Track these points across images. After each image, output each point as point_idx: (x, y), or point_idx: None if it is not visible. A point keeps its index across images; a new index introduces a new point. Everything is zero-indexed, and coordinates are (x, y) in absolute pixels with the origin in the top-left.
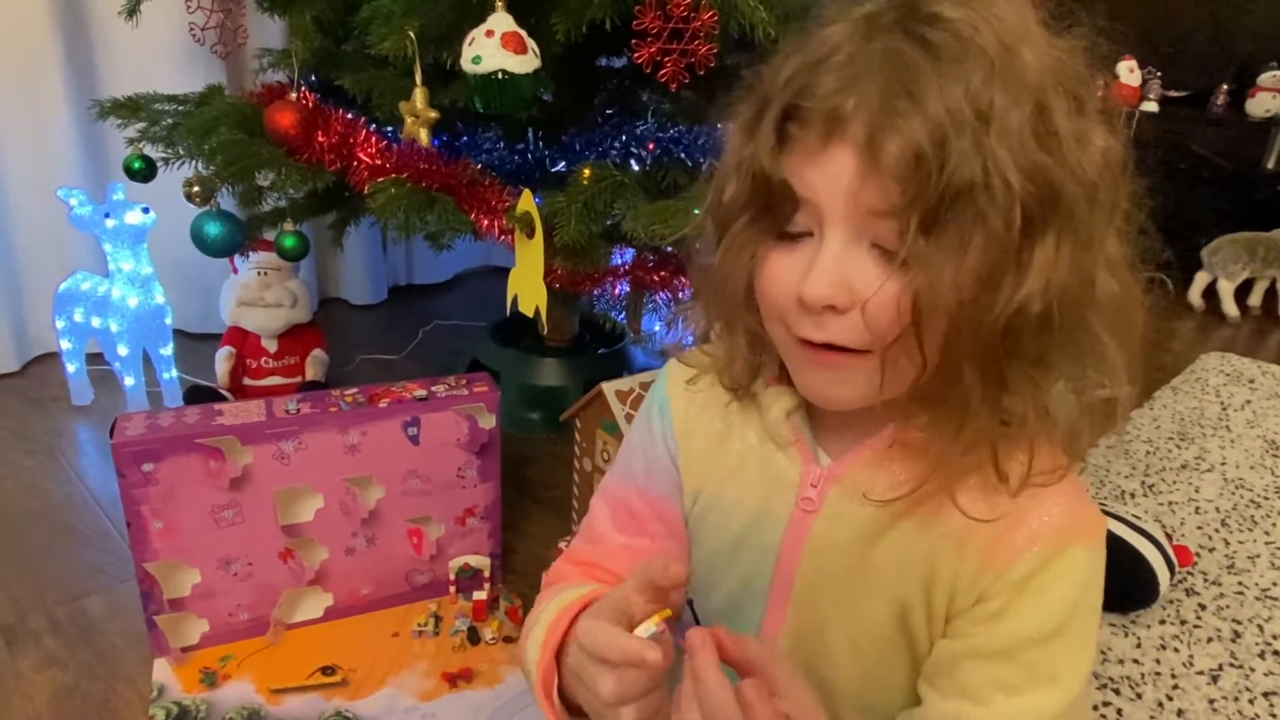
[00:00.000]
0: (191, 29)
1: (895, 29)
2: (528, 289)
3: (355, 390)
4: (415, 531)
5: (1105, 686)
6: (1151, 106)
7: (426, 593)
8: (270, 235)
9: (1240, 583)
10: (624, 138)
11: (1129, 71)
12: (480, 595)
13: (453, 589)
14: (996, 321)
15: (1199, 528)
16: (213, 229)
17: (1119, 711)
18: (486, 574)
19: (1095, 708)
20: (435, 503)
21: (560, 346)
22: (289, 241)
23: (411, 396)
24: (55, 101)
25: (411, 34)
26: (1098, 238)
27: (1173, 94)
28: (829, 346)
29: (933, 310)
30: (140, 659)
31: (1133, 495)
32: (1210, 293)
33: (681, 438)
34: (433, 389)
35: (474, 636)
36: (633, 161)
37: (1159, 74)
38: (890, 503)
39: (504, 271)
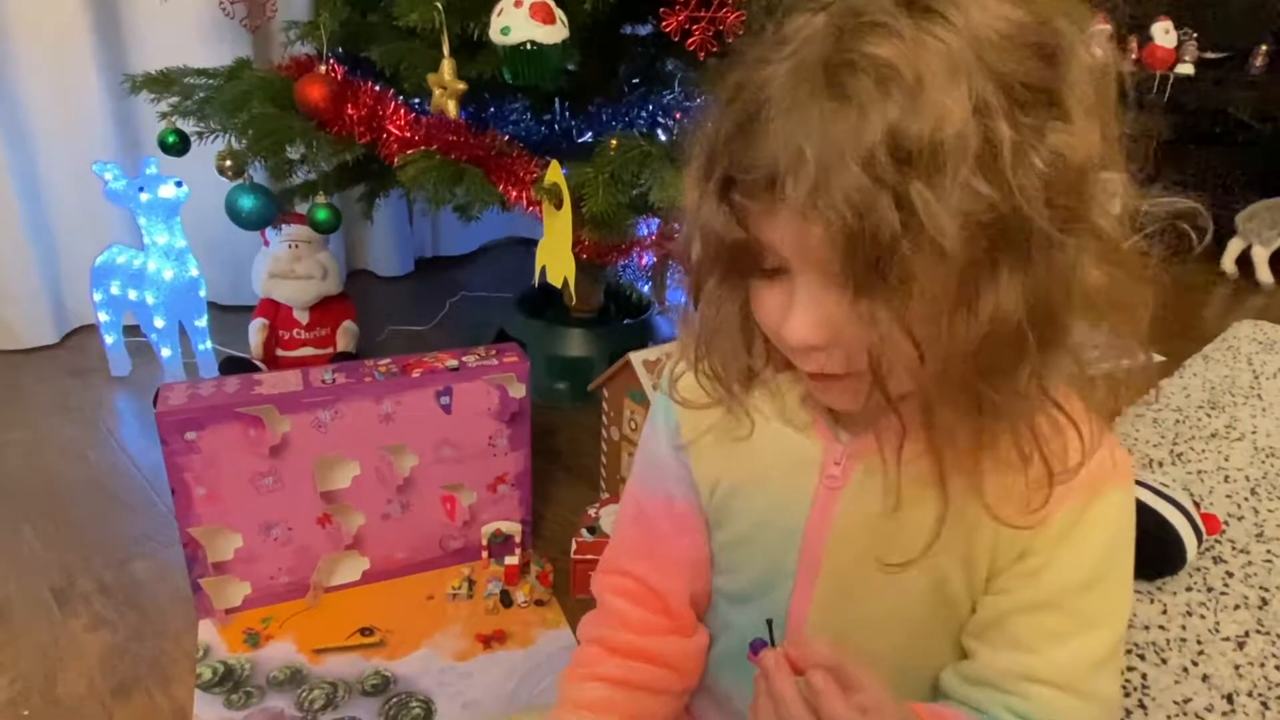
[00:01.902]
0: (221, 2)
1: (819, 79)
2: (556, 260)
3: (388, 361)
4: (448, 498)
5: (1130, 652)
6: (1187, 69)
7: (459, 558)
8: (300, 208)
9: (1269, 551)
10: (650, 107)
11: (1164, 33)
12: (512, 560)
13: (485, 554)
14: (959, 353)
15: (1228, 496)
16: (247, 202)
17: (1144, 676)
18: (517, 539)
19: (1121, 673)
20: (467, 470)
21: (586, 317)
22: (321, 214)
23: (443, 367)
24: (86, 77)
25: (439, 5)
26: (1068, 240)
27: (1209, 55)
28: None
29: (894, 353)
30: (185, 620)
31: (1161, 464)
32: (1244, 259)
33: (689, 433)
34: (464, 359)
35: (506, 600)
36: (659, 131)
37: (1195, 35)
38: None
39: (528, 243)
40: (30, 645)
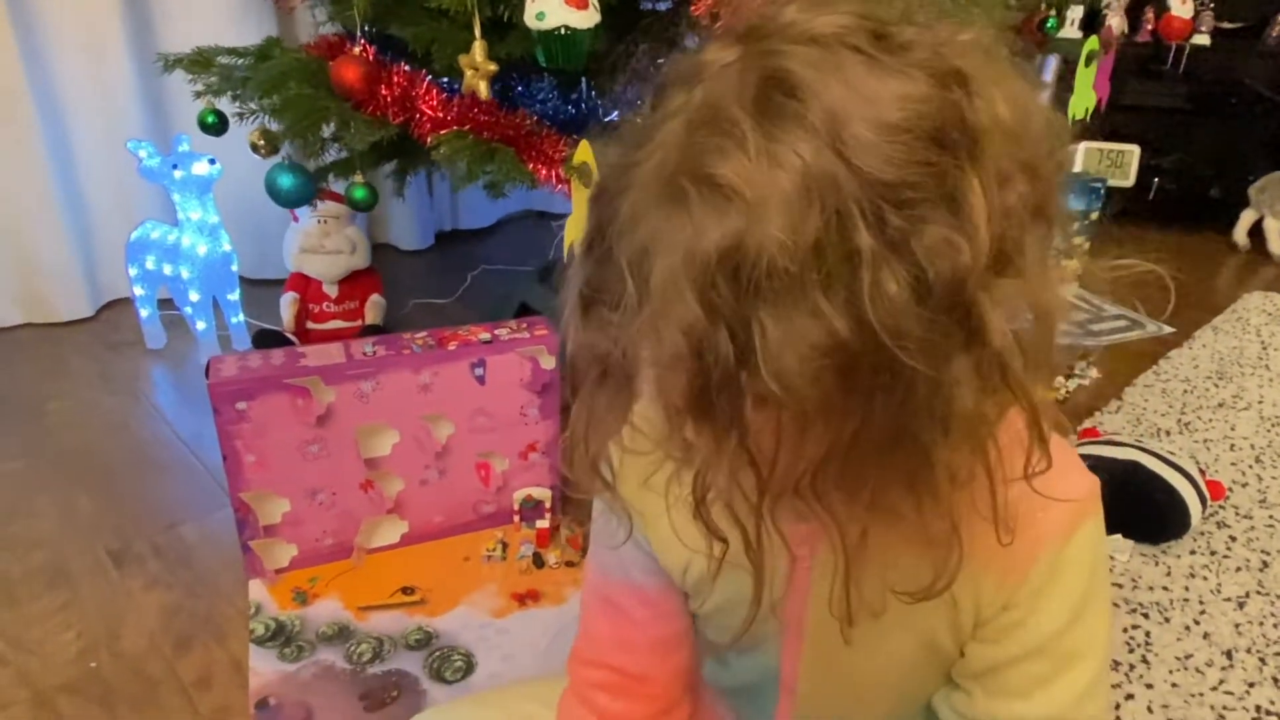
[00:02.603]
0: None
1: (663, 195)
2: None
3: (425, 334)
4: (483, 465)
5: (1135, 611)
6: (1203, 40)
7: (492, 521)
8: (331, 186)
9: (1271, 516)
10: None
11: (1181, 3)
12: (543, 524)
13: (516, 518)
14: (806, 478)
15: (1233, 464)
16: (286, 180)
17: (1147, 634)
18: (548, 505)
19: (1125, 630)
20: (501, 439)
21: None
22: (359, 193)
23: (477, 339)
24: (117, 56)
25: None
26: (936, 371)
27: (1226, 25)
28: None
29: (729, 476)
30: (236, 580)
31: (1168, 433)
32: (1256, 231)
33: (647, 522)
34: (496, 332)
35: (539, 561)
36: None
37: (1211, 5)
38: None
39: (545, 216)
40: (92, 603)
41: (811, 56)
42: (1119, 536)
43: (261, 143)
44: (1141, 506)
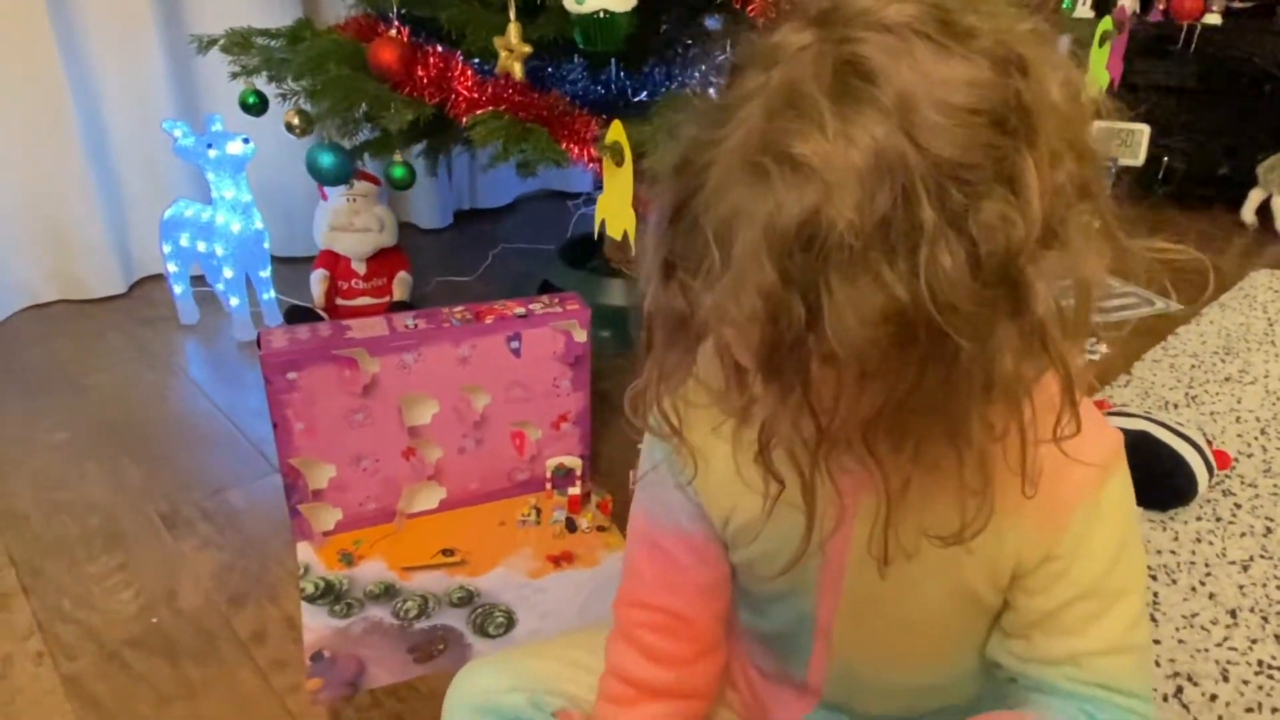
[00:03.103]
0: None
1: (746, 171)
2: (616, 214)
3: (463, 308)
4: (518, 434)
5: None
6: (1215, 19)
7: (525, 489)
8: (363, 165)
9: (1276, 485)
10: (702, 67)
11: None
12: (574, 491)
13: (548, 485)
14: (859, 431)
15: (1239, 435)
16: (326, 159)
17: (1155, 595)
18: (578, 472)
19: (1148, 618)
20: (534, 409)
21: (624, 269)
22: (399, 172)
23: (513, 314)
24: (148, 39)
25: None
26: (984, 342)
27: (1238, 4)
28: None
29: (794, 427)
30: (283, 543)
31: (1176, 405)
32: (1264, 209)
33: (708, 468)
34: (531, 307)
35: (571, 525)
36: (711, 90)
37: None
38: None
39: (560, 195)
40: (148, 564)
41: (885, 43)
42: None
43: (296, 122)
44: (1150, 475)
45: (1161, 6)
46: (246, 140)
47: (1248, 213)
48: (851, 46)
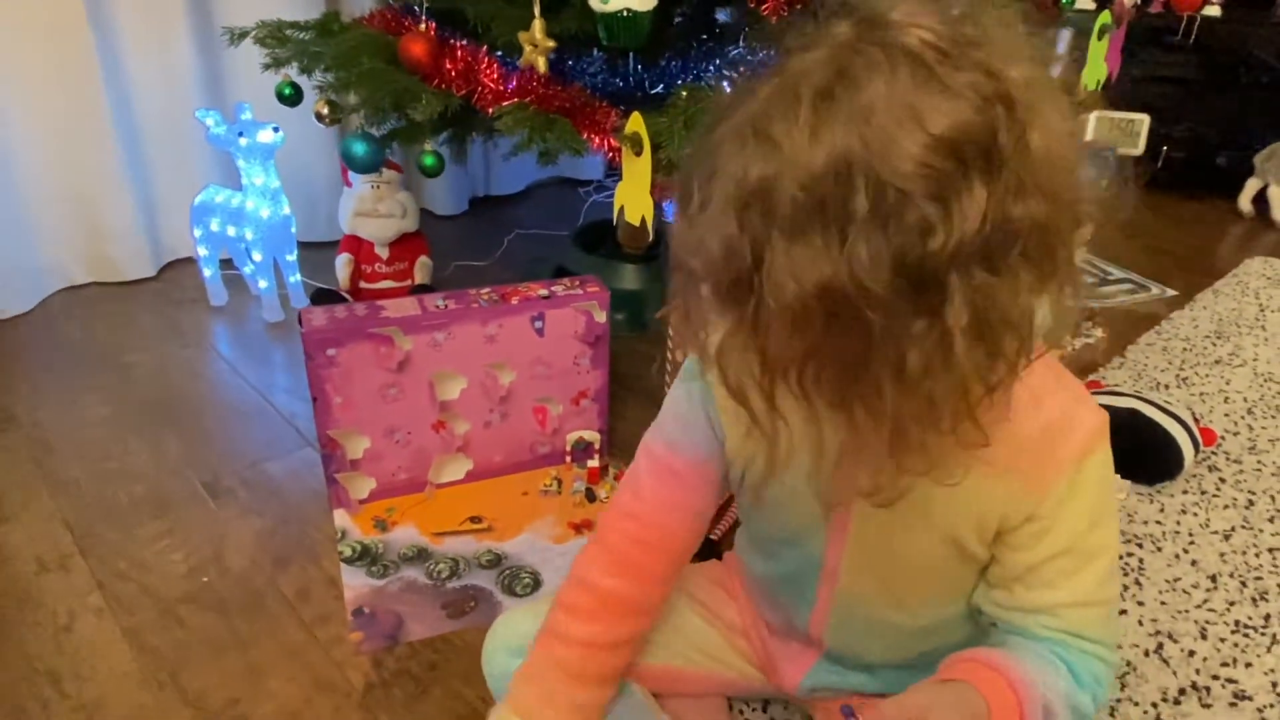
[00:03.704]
0: None
1: (748, 129)
2: (634, 200)
3: (489, 290)
4: (540, 410)
5: (1130, 541)
6: (1214, 11)
7: (545, 461)
8: (389, 153)
9: (1259, 461)
10: (716, 61)
11: None
12: (593, 463)
13: (568, 458)
14: (794, 373)
15: (1226, 414)
16: (359, 148)
17: (1140, 561)
18: (597, 446)
19: (1120, 558)
20: (556, 386)
21: (636, 254)
22: (429, 160)
23: (536, 295)
24: (178, 30)
25: None
26: (906, 331)
27: None
28: None
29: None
30: (320, 510)
31: (1167, 386)
32: (1261, 199)
33: (724, 411)
34: (554, 289)
35: (590, 496)
36: (725, 84)
37: None
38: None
39: (571, 183)
40: (195, 528)
41: (876, 60)
42: (1117, 476)
43: (326, 112)
44: (1139, 449)
45: None
46: (276, 129)
47: (1244, 201)
48: (851, 58)
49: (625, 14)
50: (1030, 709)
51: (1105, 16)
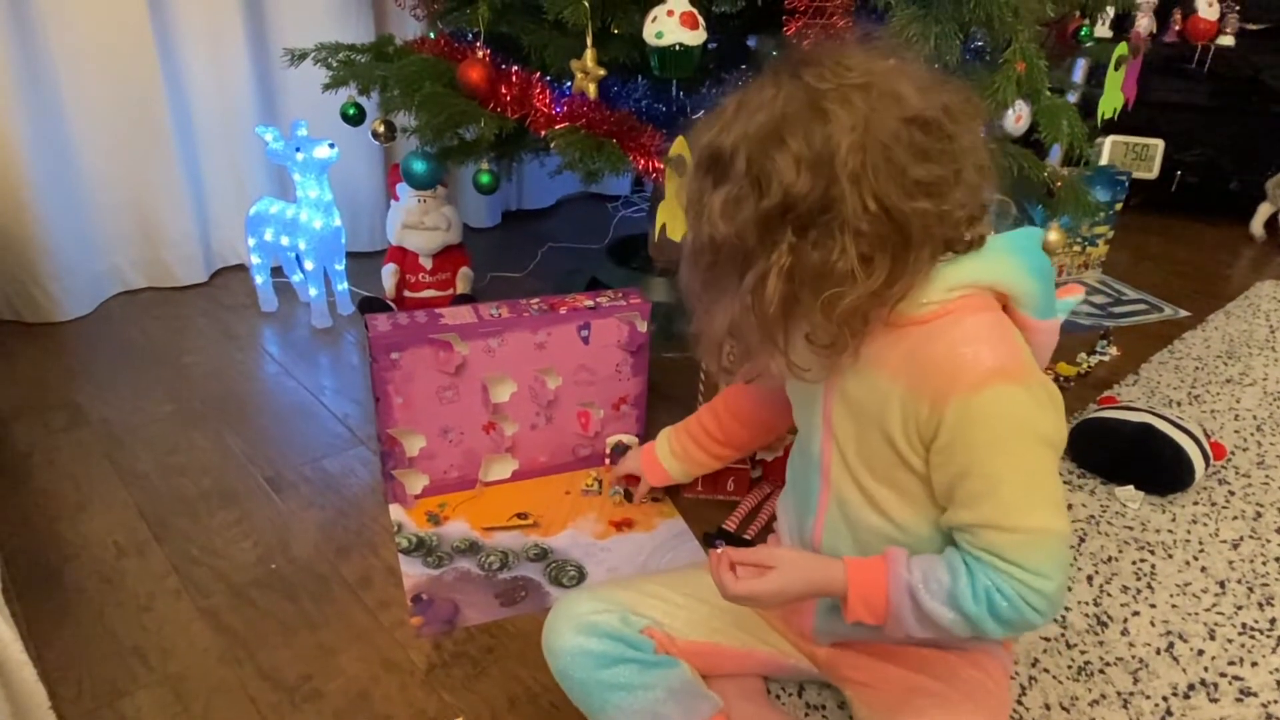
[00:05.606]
0: None
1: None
2: (676, 218)
3: (539, 300)
4: (583, 414)
5: (1143, 548)
6: (1228, 40)
7: (586, 463)
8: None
9: (1268, 476)
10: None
11: (1207, 5)
12: None
13: (607, 460)
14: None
15: (1236, 431)
16: (420, 166)
17: (1153, 566)
18: (634, 449)
19: (1133, 563)
20: (598, 391)
21: (667, 268)
22: (485, 178)
23: (583, 306)
24: (236, 50)
25: (585, 3)
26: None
27: (1250, 27)
28: None
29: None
30: (376, 505)
31: (1179, 403)
32: (1272, 223)
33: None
34: (599, 300)
35: (628, 496)
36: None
37: (1237, 7)
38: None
39: (599, 198)
40: (261, 520)
41: (797, 95)
42: (1131, 487)
43: (382, 130)
44: (1151, 462)
45: (1177, 28)
46: (332, 145)
47: (1256, 226)
48: (795, 89)
49: (677, 48)
50: (894, 585)
51: (1122, 48)
